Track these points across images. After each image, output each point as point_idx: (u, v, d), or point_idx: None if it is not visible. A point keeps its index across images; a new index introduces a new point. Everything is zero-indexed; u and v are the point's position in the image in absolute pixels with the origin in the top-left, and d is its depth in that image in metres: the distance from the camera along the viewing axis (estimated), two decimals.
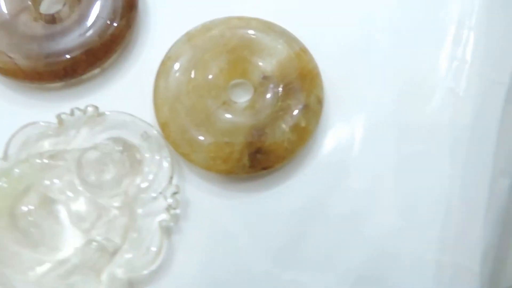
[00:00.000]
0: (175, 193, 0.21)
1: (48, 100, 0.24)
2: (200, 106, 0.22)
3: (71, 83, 0.24)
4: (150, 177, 0.21)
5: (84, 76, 0.24)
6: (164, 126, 0.22)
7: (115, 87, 0.24)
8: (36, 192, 0.20)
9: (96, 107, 0.22)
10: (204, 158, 0.22)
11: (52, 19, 0.24)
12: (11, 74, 0.23)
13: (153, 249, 0.20)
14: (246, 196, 0.22)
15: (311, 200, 0.22)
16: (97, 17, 0.23)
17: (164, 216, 0.21)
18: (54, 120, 0.22)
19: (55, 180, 0.20)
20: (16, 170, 0.20)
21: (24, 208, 0.20)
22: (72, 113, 0.22)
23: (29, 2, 0.24)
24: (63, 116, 0.22)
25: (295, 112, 0.22)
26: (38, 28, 0.23)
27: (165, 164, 0.21)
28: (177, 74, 0.23)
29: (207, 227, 0.22)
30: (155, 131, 0.22)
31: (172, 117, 0.22)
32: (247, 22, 0.24)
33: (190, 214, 0.22)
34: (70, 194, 0.20)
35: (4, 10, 0.24)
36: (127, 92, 0.24)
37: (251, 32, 0.24)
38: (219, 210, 0.22)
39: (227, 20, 0.24)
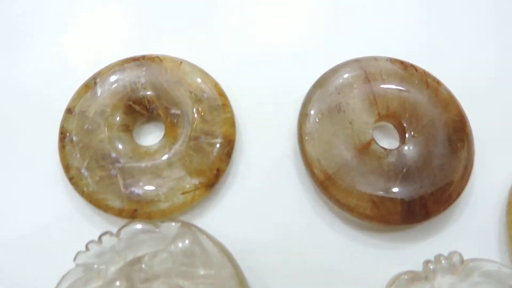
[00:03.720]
0: None
1: (384, 239, 0.25)
2: None
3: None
4: None
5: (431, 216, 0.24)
6: None
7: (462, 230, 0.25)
8: None
9: (461, 255, 0.23)
10: None
11: (402, 173, 0.24)
12: (367, 218, 0.24)
13: None
14: None
15: None
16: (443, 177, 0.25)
17: None
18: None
19: None
20: None
21: None
22: (437, 260, 0.23)
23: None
24: (430, 264, 0.23)
25: None
26: (382, 181, 0.24)
27: None
28: None
29: None
30: None
31: None
32: None
33: None
34: None
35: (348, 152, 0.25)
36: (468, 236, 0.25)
37: None
38: None
39: None
